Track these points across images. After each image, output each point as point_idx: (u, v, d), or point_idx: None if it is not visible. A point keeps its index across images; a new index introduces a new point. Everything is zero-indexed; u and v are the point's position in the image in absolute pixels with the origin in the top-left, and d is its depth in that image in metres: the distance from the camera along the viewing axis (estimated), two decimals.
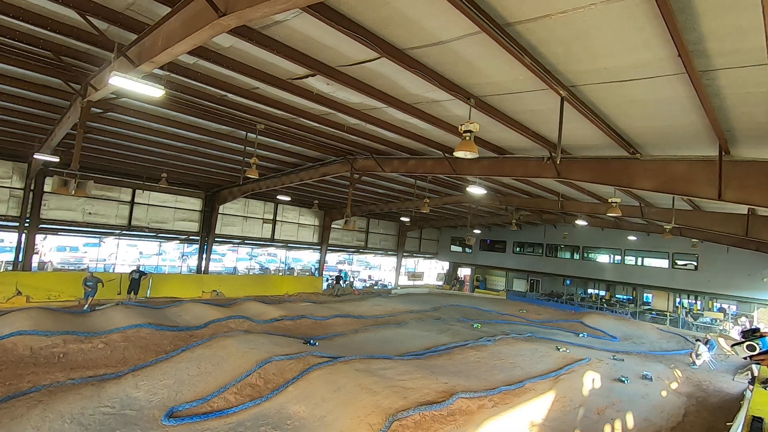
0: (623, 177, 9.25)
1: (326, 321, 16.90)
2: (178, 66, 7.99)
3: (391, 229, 33.76)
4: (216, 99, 9.90)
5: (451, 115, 9.04)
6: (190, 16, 4.97)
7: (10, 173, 17.04)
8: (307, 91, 8.70)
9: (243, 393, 8.67)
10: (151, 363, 9.90)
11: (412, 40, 5.93)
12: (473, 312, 23.55)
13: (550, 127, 8.66)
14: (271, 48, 6.52)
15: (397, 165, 13.71)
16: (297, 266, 31.47)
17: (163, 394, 8.50)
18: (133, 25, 6.42)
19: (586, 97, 6.93)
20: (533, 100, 7.46)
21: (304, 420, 7.63)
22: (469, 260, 35.41)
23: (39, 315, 12.30)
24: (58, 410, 7.44)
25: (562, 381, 10.73)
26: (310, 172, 16.52)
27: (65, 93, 9.79)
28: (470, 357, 12.62)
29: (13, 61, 8.35)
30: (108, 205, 19.72)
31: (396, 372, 9.69)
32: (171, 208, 21.76)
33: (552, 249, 30.75)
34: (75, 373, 9.31)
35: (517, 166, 11.16)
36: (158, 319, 13.89)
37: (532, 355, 13.33)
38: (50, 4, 6.13)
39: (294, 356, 10.05)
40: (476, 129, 6.88)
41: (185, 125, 12.19)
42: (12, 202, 17.15)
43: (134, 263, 22.51)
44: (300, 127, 11.76)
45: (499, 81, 6.90)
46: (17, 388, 8.23)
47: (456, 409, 8.10)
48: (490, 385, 9.92)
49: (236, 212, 24.20)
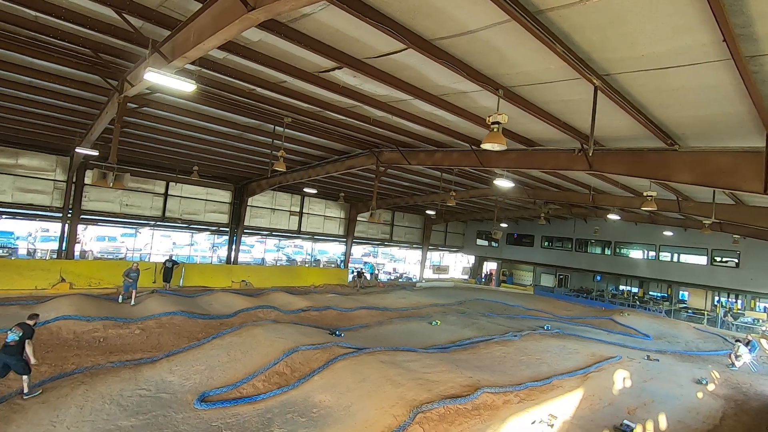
0: (660, 169, 8.86)
1: (351, 312, 17.08)
2: (208, 61, 8.17)
3: (416, 222, 33.68)
4: (245, 93, 10.08)
5: (479, 106, 8.88)
6: (221, 11, 5.06)
7: (54, 166, 17.95)
8: (333, 84, 8.73)
9: (271, 380, 8.90)
10: (184, 349, 10.29)
11: (440, 30, 5.83)
12: (499, 306, 23.28)
13: (582, 118, 8.38)
14: (299, 41, 6.57)
15: (423, 157, 13.61)
16: (323, 258, 31.92)
17: (196, 379, 8.83)
18: (167, 21, 6.59)
19: (621, 86, 6.65)
20: (565, 90, 7.23)
21: (330, 409, 7.76)
22: (496, 254, 34.93)
23: (81, 301, 12.99)
24: (99, 391, 7.86)
25: (591, 379, 10.49)
26: (336, 165, 16.64)
27: (103, 89, 10.18)
28: (496, 352, 12.50)
29: (56, 59, 8.74)
30: (143, 197, 20.49)
31: (420, 365, 9.71)
32: (202, 200, 22.41)
33: (582, 244, 29.90)
34: (114, 356, 9.79)
35: (546, 158, 10.87)
36: (190, 307, 14.41)
37: (560, 352, 13.08)
38: (90, 3, 6.37)
39: (320, 346, 10.22)
40: (504, 120, 6.73)
41: (215, 119, 12.48)
42: (56, 193, 18.08)
43: (168, 253, 23.35)
44: (326, 120, 11.83)
45: (530, 70, 6.72)
46: (62, 369, 8.72)
47: (481, 404, 8.06)
48: (515, 380, 9.80)
49: (264, 204, 24.69)
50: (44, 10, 6.62)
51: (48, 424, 6.62)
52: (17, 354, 7.28)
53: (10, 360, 7.24)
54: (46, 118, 13.38)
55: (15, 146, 16.89)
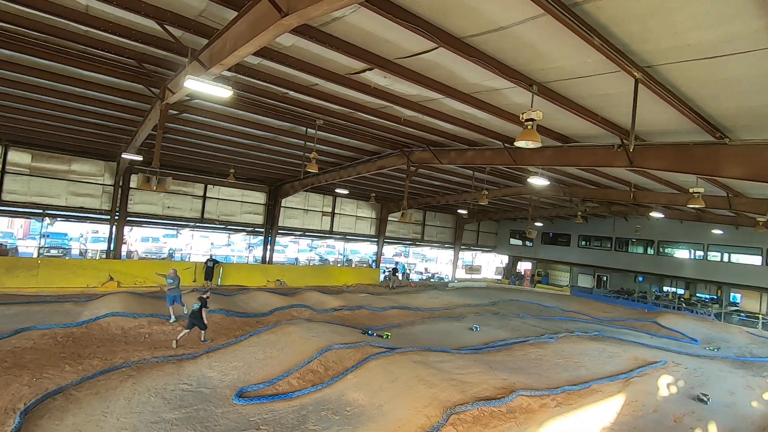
0: (707, 164, 8.39)
1: (383, 312, 17.15)
2: (243, 67, 8.42)
3: (447, 222, 33.38)
4: (278, 97, 10.33)
5: (512, 103, 8.71)
6: (255, 19, 5.21)
7: (102, 171, 19.04)
8: (364, 85, 8.80)
9: (305, 378, 9.07)
10: (222, 346, 10.66)
11: (471, 27, 5.76)
12: (534, 307, 22.72)
13: (621, 112, 8.05)
14: (330, 44, 6.66)
15: (454, 156, 13.48)
16: (355, 258, 32.20)
17: (234, 375, 9.13)
18: (205, 30, 6.85)
19: (664, 77, 6.34)
20: (603, 84, 6.97)
21: (363, 407, 7.83)
22: (530, 254, 34.08)
23: (128, 299, 13.72)
24: (145, 384, 8.27)
25: (633, 384, 10.07)
26: (367, 166, 16.75)
27: (146, 97, 10.71)
28: (531, 354, 12.21)
29: (104, 70, 9.28)
30: (183, 200, 21.39)
31: (453, 365, 9.63)
32: (238, 202, 23.13)
33: (622, 243, 28.67)
34: (158, 351, 10.26)
35: (583, 155, 10.52)
36: (228, 305, 14.91)
37: (599, 355, 12.62)
38: (134, 16, 6.70)
39: (353, 345, 10.33)
40: (539, 117, 6.57)
41: (250, 123, 12.85)
42: (104, 197, 19.16)
43: (207, 253, 24.26)
44: (357, 121, 11.94)
45: (565, 65, 6.52)
46: (111, 363, 9.23)
47: (516, 407, 7.90)
48: (552, 383, 9.54)
49: (297, 205, 25.18)
50: (94, 24, 7.04)
51: (100, 414, 7.03)
52: (199, 316, 10.88)
53: (196, 320, 10.88)
54: (96, 126, 14.21)
55: (68, 153, 18.06)
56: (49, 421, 6.66)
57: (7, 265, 15.33)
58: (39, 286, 15.35)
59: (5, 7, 6.84)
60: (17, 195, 17.28)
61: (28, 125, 14.46)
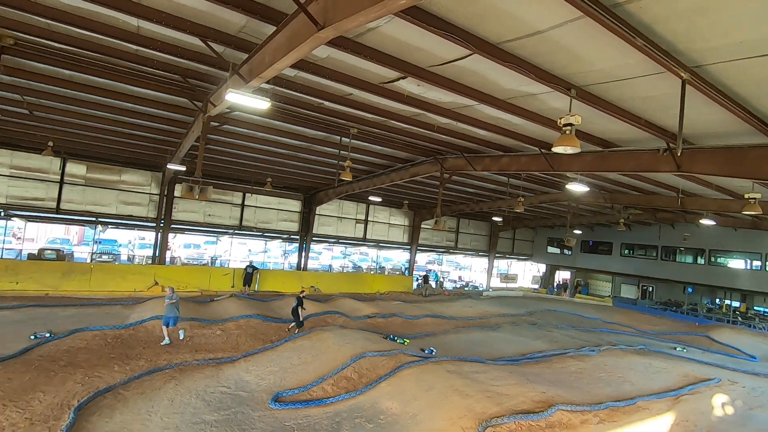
0: (764, 168, 7.84)
1: (417, 320, 17.01)
2: (281, 79, 8.69)
3: (482, 229, 32.84)
4: (313, 107, 10.57)
5: (548, 108, 8.51)
6: (293, 32, 5.38)
7: (149, 181, 20.11)
8: (398, 94, 8.87)
9: (339, 385, 9.12)
10: (259, 350, 10.91)
11: (506, 33, 5.70)
12: (573, 318, 21.85)
13: (667, 115, 7.70)
14: (364, 55, 6.77)
15: (488, 163, 13.29)
16: (388, 265, 32.21)
17: (270, 380, 9.30)
18: (245, 45, 7.14)
19: (714, 77, 6.02)
20: (647, 86, 6.70)
21: (397, 416, 7.77)
22: (569, 263, 32.90)
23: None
24: (186, 386, 8.58)
25: (683, 402, 9.44)
26: (400, 173, 16.79)
27: (190, 110, 11.25)
28: (571, 367, 11.72)
29: (152, 85, 9.84)
30: (223, 208, 22.21)
31: (489, 376, 9.39)
32: (275, 210, 23.76)
33: (669, 252, 27.15)
34: (199, 354, 10.64)
35: (626, 160, 10.10)
36: (265, 310, 15.26)
37: (645, 370, 11.94)
38: (180, 35, 7.09)
39: (386, 353, 10.29)
40: (578, 122, 6.38)
41: (286, 133, 13.22)
42: (151, 206, 20.22)
43: (245, 259, 24.99)
44: (391, 129, 12.02)
45: (605, 68, 6.32)
46: (155, 364, 9.65)
47: (555, 422, 7.59)
48: (594, 399, 9.11)
49: (331, 213, 25.56)
50: (144, 43, 7.51)
51: (145, 413, 7.35)
52: (296, 313, 12.78)
53: (294, 317, 12.78)
54: (144, 139, 15.06)
55: (119, 164, 19.23)
56: (99, 419, 7.02)
57: (64, 270, 16.40)
58: (92, 289, 16.30)
59: (68, 31, 7.42)
60: (73, 204, 18.54)
61: (84, 138, 15.50)
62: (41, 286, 15.43)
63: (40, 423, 6.68)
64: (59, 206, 18.23)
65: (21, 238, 24.56)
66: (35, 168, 17.69)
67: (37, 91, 10.87)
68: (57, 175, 18.16)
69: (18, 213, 18.04)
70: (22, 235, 24.23)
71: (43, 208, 18.03)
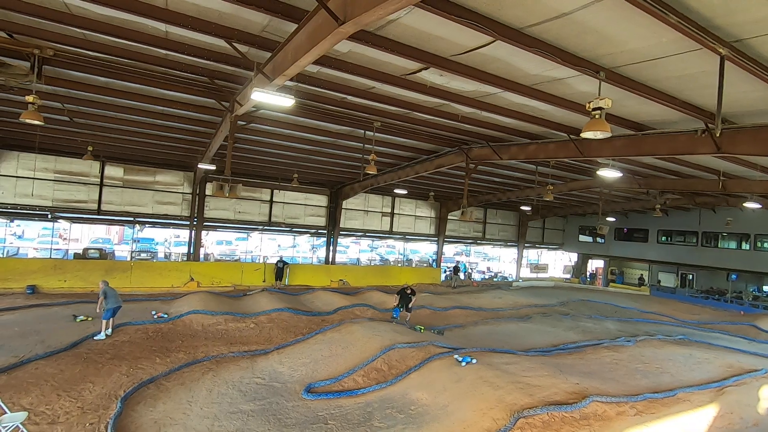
0: None
1: (445, 312, 16.99)
2: (304, 76, 8.79)
3: (510, 219, 32.28)
4: (337, 102, 10.63)
5: (576, 92, 8.25)
6: (314, 29, 5.42)
7: (182, 181, 20.82)
8: (420, 85, 8.80)
9: (369, 376, 9.25)
10: (291, 343, 11.19)
11: (529, 17, 5.55)
12: (608, 308, 21.27)
13: (704, 93, 7.32)
14: (385, 47, 6.74)
15: (515, 151, 13.02)
16: (415, 257, 32.20)
17: (302, 371, 9.55)
18: (268, 44, 7.25)
19: (757, 52, 5.69)
20: (681, 64, 6.39)
21: (427, 407, 7.83)
22: (602, 251, 31.92)
23: (206, 297, 14.87)
24: (223, 377, 8.93)
25: (727, 393, 9.07)
26: (425, 165, 16.69)
27: (217, 111, 11.54)
28: (605, 358, 11.45)
29: (181, 88, 10.15)
30: (252, 205, 22.75)
31: (520, 368, 9.30)
32: (302, 205, 24.15)
33: (710, 238, 25.90)
34: (234, 347, 11.02)
35: (661, 142, 9.68)
36: (295, 304, 15.62)
37: (686, 361, 11.53)
38: (206, 37, 7.27)
39: (415, 345, 10.35)
40: (608, 105, 6.15)
41: (311, 129, 13.37)
42: (184, 204, 20.95)
43: (275, 255, 25.56)
44: (414, 121, 11.95)
45: (636, 47, 6.06)
46: (194, 357, 10.07)
47: (590, 413, 7.46)
48: (631, 390, 8.88)
49: (357, 207, 25.73)
50: (172, 48, 7.74)
51: (186, 403, 7.71)
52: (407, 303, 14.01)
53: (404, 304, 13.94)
54: (175, 140, 15.58)
55: (153, 166, 19.99)
56: (144, 408, 7.42)
57: (106, 268, 17.26)
58: (132, 286, 17.10)
59: (102, 39, 7.75)
60: (113, 205, 19.45)
61: (120, 142, 16.19)
62: (86, 283, 16.31)
63: (90, 411, 7.12)
64: (100, 207, 19.17)
65: (67, 239, 26.00)
66: (77, 172, 18.65)
67: (76, 99, 11.43)
68: (97, 178, 19.08)
69: (64, 215, 19.11)
70: (68, 236, 25.63)
71: (85, 209, 19.01)
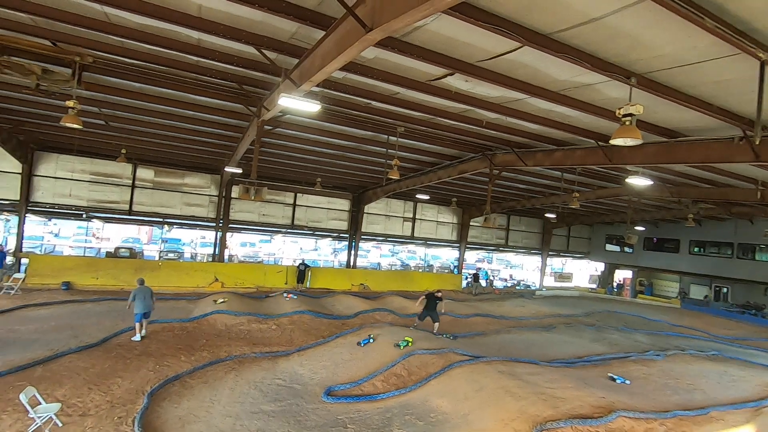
0: None
1: (466, 319, 16.79)
2: (330, 82, 8.92)
3: (534, 227, 31.71)
4: (361, 107, 10.74)
5: (606, 98, 8.07)
6: (342, 36, 5.50)
7: (209, 184, 21.38)
8: (445, 91, 8.79)
9: (389, 381, 9.22)
10: (312, 345, 11.27)
11: (558, 22, 5.49)
12: (636, 320, 20.55)
13: (742, 100, 7.06)
14: (411, 53, 6.77)
15: (540, 158, 12.82)
16: (436, 263, 32.00)
17: (323, 374, 9.60)
18: (296, 51, 7.39)
19: None
20: (718, 70, 6.18)
21: (447, 415, 7.73)
22: (630, 261, 30.92)
23: (230, 298, 15.15)
24: (245, 377, 9.07)
25: (765, 415, 8.62)
26: (448, 171, 16.62)
27: (245, 115, 11.82)
28: (633, 372, 11.05)
29: (210, 93, 10.46)
30: (276, 208, 23.13)
31: (542, 378, 9.09)
32: (324, 209, 24.39)
33: (747, 249, 24.74)
34: (256, 347, 11.18)
35: (695, 150, 9.36)
36: (316, 307, 15.74)
37: (720, 378, 11.02)
38: (236, 44, 7.47)
39: (436, 351, 10.26)
40: (639, 112, 6.00)
41: (335, 134, 13.52)
42: (210, 206, 21.49)
43: (298, 258, 25.87)
44: (438, 127, 11.94)
45: (669, 53, 5.90)
46: (217, 356, 10.27)
47: (617, 428, 7.21)
48: (660, 406, 8.54)
49: (379, 211, 25.80)
50: (204, 54, 8.00)
51: (209, 401, 7.86)
52: (434, 309, 13.12)
53: (432, 313, 13.08)
54: (204, 144, 16.03)
55: (182, 168, 20.62)
56: (169, 404, 7.60)
57: (136, 267, 17.86)
58: (160, 284, 17.59)
59: (137, 47, 8.08)
60: (143, 206, 20.13)
61: (152, 145, 16.78)
62: (117, 281, 16.91)
63: (119, 405, 7.35)
64: (131, 208, 19.87)
65: (99, 238, 27.04)
66: (111, 173, 19.41)
67: (112, 104, 11.93)
68: (129, 179, 19.80)
69: (98, 215, 19.90)
70: (101, 235, 26.65)
71: (117, 210, 19.74)
